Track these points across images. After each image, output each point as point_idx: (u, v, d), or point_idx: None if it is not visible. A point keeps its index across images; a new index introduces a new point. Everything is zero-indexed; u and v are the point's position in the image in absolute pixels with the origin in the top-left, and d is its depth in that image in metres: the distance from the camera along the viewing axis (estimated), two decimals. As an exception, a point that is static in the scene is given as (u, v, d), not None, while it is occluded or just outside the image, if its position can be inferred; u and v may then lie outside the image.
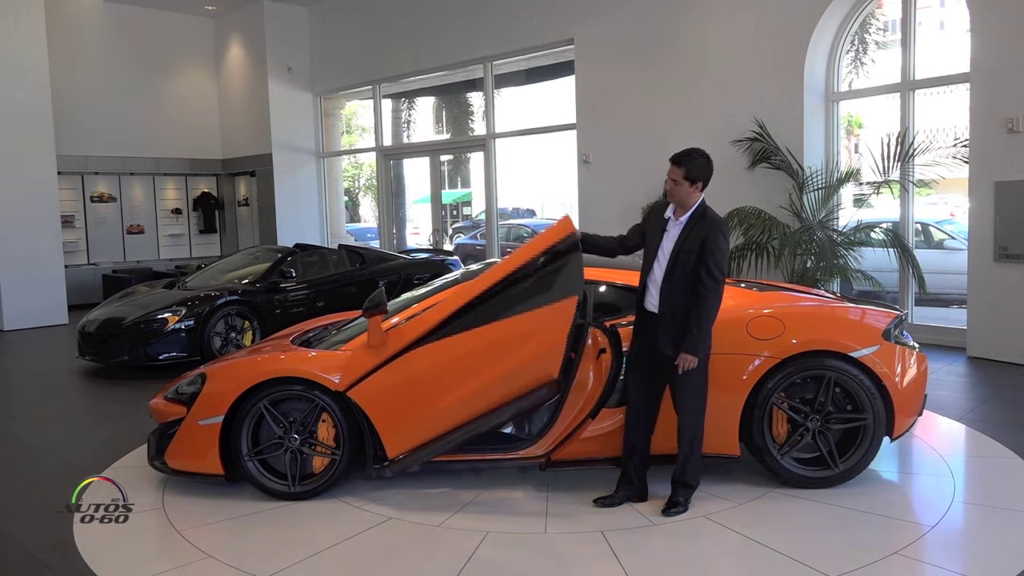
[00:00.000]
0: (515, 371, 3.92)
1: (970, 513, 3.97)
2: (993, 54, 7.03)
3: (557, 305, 3.85)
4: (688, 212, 3.89)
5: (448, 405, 4.01)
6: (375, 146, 13.83)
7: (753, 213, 8.15)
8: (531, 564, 3.53)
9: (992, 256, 7.15)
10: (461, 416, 4.01)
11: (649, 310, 3.94)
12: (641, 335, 4.02)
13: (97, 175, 13.61)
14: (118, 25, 13.52)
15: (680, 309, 3.82)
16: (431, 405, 4.04)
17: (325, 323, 5.54)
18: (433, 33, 11.96)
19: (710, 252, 3.79)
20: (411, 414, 4.07)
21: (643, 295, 3.98)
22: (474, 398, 3.98)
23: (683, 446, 3.94)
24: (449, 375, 4.00)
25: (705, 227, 3.83)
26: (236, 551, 3.76)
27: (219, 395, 4.22)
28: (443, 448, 4.08)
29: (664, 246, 3.91)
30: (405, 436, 4.09)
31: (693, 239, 3.82)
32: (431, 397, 4.04)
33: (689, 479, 3.98)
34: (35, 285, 11.09)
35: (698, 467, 3.99)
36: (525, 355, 3.91)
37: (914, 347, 4.37)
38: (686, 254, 3.82)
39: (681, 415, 3.93)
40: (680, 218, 3.91)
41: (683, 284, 3.82)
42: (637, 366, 4.03)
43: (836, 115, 8.50)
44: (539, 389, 3.93)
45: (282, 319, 7.98)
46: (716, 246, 3.79)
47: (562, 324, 3.86)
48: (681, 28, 9.14)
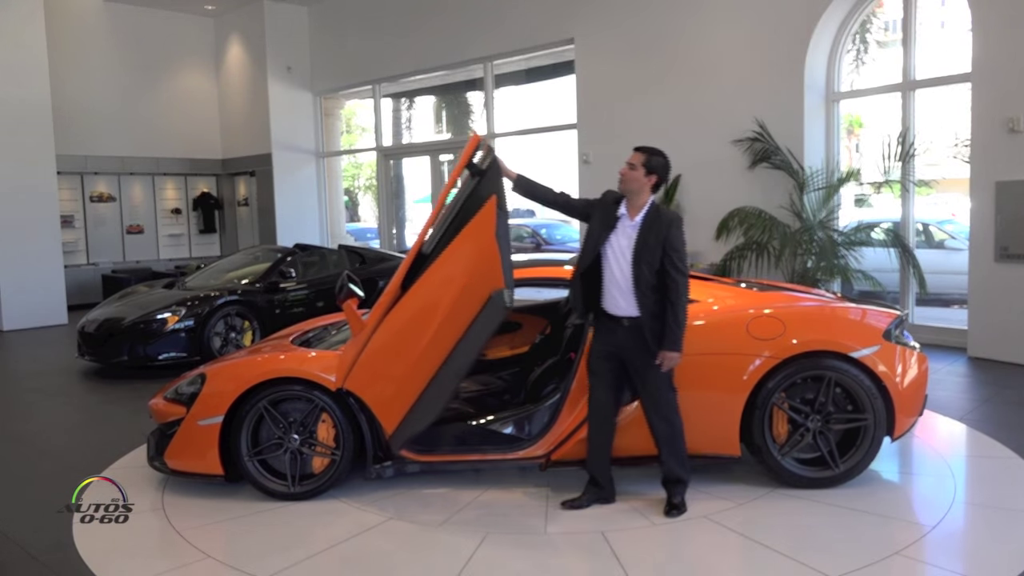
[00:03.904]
0: (463, 294, 3.87)
1: (971, 513, 3.97)
2: (994, 53, 7.02)
3: (478, 215, 3.84)
4: (642, 211, 3.88)
5: (420, 354, 3.97)
6: (375, 146, 13.83)
7: (753, 213, 8.15)
8: (531, 564, 3.53)
9: (993, 256, 7.14)
10: (435, 361, 3.95)
11: (614, 314, 3.89)
12: (604, 338, 3.96)
13: (97, 175, 13.60)
14: (118, 25, 13.52)
15: (655, 308, 3.81)
16: (407, 360, 4.00)
17: (325, 323, 5.53)
18: (433, 33, 11.96)
19: (674, 248, 3.80)
20: (393, 376, 4.04)
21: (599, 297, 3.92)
22: (439, 337, 3.93)
23: (663, 443, 3.92)
24: (414, 327, 3.99)
25: (664, 224, 3.83)
26: (236, 551, 3.76)
27: (219, 395, 4.22)
28: (434, 408, 4.02)
29: (618, 245, 3.87)
30: (394, 402, 4.05)
31: (653, 237, 3.81)
32: (405, 353, 4.01)
33: (681, 475, 3.96)
34: (35, 285, 11.09)
35: (685, 461, 3.96)
36: (466, 275, 3.87)
37: (915, 347, 4.36)
38: (649, 252, 3.80)
39: (655, 413, 3.91)
40: (635, 218, 3.88)
41: (649, 283, 3.80)
42: (601, 369, 3.98)
43: (837, 115, 8.49)
44: (489, 302, 3.83)
45: (282, 319, 7.98)
46: (679, 241, 3.83)
47: (487, 229, 3.81)
48: (682, 28, 9.14)
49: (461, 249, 3.88)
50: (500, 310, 3.85)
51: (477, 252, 3.84)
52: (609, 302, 3.91)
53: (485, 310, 3.85)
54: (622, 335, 3.88)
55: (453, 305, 3.90)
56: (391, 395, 4.06)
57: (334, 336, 5.01)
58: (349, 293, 4.33)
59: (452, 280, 3.91)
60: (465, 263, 3.88)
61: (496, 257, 3.81)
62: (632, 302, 3.83)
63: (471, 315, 3.87)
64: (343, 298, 4.33)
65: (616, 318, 3.89)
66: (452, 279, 3.91)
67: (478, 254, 3.84)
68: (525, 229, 15.25)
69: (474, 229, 3.84)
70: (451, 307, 3.90)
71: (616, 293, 3.88)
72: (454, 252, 3.89)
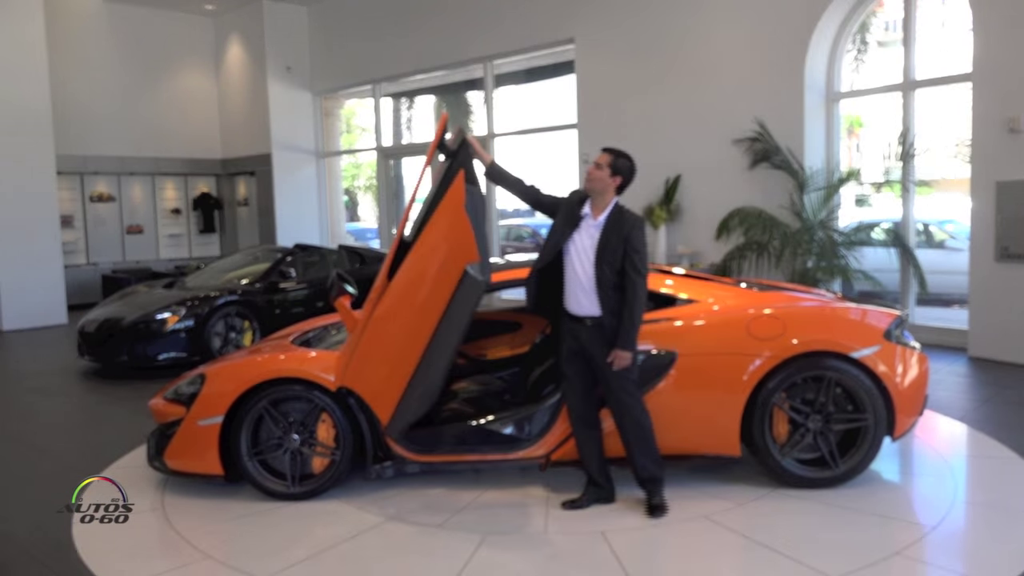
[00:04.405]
0: (440, 270, 3.88)
1: (971, 513, 3.97)
2: (995, 53, 7.02)
3: (449, 191, 3.85)
4: (605, 212, 3.90)
5: (406, 336, 3.97)
6: (375, 146, 13.83)
7: (753, 213, 8.14)
8: (531, 564, 3.53)
9: (993, 256, 7.14)
10: (421, 341, 3.94)
11: (577, 313, 3.91)
12: (568, 337, 3.97)
13: (96, 175, 13.59)
14: (118, 25, 13.51)
15: (617, 308, 3.83)
16: (394, 344, 4.01)
17: (325, 323, 5.53)
18: (433, 33, 11.95)
19: (635, 249, 3.83)
20: (382, 361, 4.04)
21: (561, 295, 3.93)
22: (423, 316, 3.92)
23: (635, 443, 3.91)
24: (398, 309, 3.99)
25: (625, 224, 3.86)
26: (236, 551, 3.75)
27: (219, 395, 4.22)
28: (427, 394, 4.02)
29: (581, 243, 3.90)
30: (385, 388, 4.04)
31: (615, 237, 3.84)
32: (392, 337, 4.01)
33: (655, 472, 3.95)
34: (35, 285, 11.08)
35: (658, 458, 3.95)
36: (441, 250, 3.88)
37: (915, 347, 4.36)
38: (611, 252, 3.83)
39: (619, 410, 3.91)
40: (598, 218, 3.91)
41: (609, 282, 3.83)
42: (570, 371, 3.99)
43: (837, 115, 8.49)
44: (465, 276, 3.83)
45: (282, 319, 7.97)
46: (640, 242, 3.86)
47: (457, 203, 3.82)
48: (682, 27, 9.13)
49: (436, 227, 3.90)
50: (476, 283, 3.87)
51: (449, 227, 3.85)
52: (572, 301, 3.93)
53: (462, 285, 3.87)
54: (585, 335, 3.89)
55: (432, 283, 3.91)
56: (383, 382, 4.05)
57: (334, 336, 5.01)
58: (341, 291, 4.34)
59: (429, 258, 3.92)
60: (439, 239, 3.89)
61: (468, 230, 3.81)
62: (594, 301, 3.86)
63: (449, 290, 3.88)
64: (335, 296, 4.35)
65: (579, 318, 3.91)
66: (428, 257, 3.92)
67: (450, 229, 3.85)
68: (525, 229, 15.24)
69: (446, 205, 3.86)
70: (430, 285, 3.91)
71: (579, 292, 3.90)
72: (430, 231, 3.91)
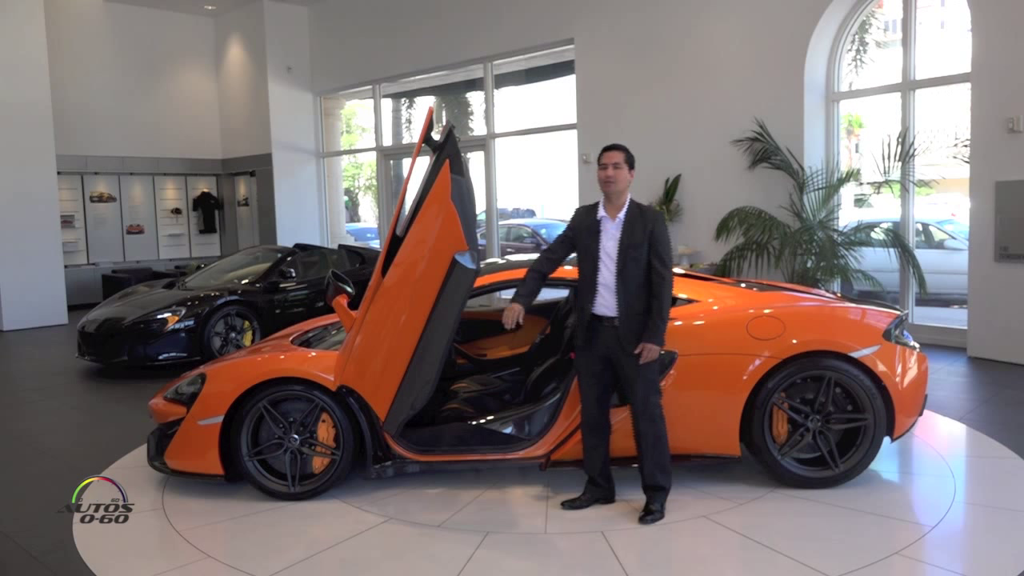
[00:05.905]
0: (430, 261, 3.89)
1: (971, 513, 3.97)
2: (994, 54, 7.02)
3: (436, 182, 3.85)
4: (622, 210, 3.90)
5: (400, 328, 3.97)
6: (375, 146, 13.83)
7: (753, 213, 8.15)
8: (531, 564, 3.53)
9: (993, 256, 7.15)
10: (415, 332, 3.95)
11: (601, 314, 3.89)
12: (594, 339, 3.94)
13: (97, 175, 13.61)
14: (118, 25, 13.53)
15: (636, 305, 3.82)
16: (389, 337, 4.01)
17: (325, 323, 5.53)
18: (433, 33, 11.96)
19: (660, 243, 3.83)
20: (378, 355, 4.04)
21: (591, 299, 3.91)
22: (415, 307, 3.93)
23: (646, 448, 3.89)
24: (390, 302, 3.99)
25: (648, 220, 3.85)
26: (236, 551, 3.76)
27: (219, 395, 4.22)
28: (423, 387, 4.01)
29: (605, 247, 3.89)
30: (382, 382, 4.04)
31: (638, 234, 3.83)
32: (386, 330, 4.01)
33: (662, 481, 3.92)
34: (35, 285, 11.10)
35: (668, 467, 3.93)
36: (430, 241, 3.88)
37: (914, 347, 4.37)
38: (635, 249, 3.82)
39: (640, 415, 3.88)
40: (616, 217, 3.90)
41: (636, 280, 3.82)
42: (589, 370, 3.98)
43: (836, 115, 8.50)
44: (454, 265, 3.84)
45: (282, 319, 7.99)
46: (664, 236, 3.86)
47: (444, 192, 3.82)
48: (681, 28, 9.14)
49: (423, 219, 3.91)
50: (466, 272, 3.88)
51: (436, 218, 3.86)
52: (598, 303, 3.92)
53: (452, 274, 3.88)
54: (611, 336, 3.88)
55: (422, 274, 3.92)
56: (378, 376, 4.05)
57: (334, 336, 5.01)
58: (338, 290, 4.35)
59: (418, 250, 3.92)
60: (427, 231, 3.90)
61: (455, 219, 3.82)
62: (621, 300, 3.85)
63: (440, 280, 3.89)
64: (332, 295, 4.35)
65: (606, 318, 3.90)
66: (418, 249, 3.92)
67: (437, 219, 3.86)
68: (525, 229, 15.25)
69: (432, 197, 3.87)
70: (421, 276, 3.92)
71: (605, 292, 3.89)
72: (418, 224, 3.92)
